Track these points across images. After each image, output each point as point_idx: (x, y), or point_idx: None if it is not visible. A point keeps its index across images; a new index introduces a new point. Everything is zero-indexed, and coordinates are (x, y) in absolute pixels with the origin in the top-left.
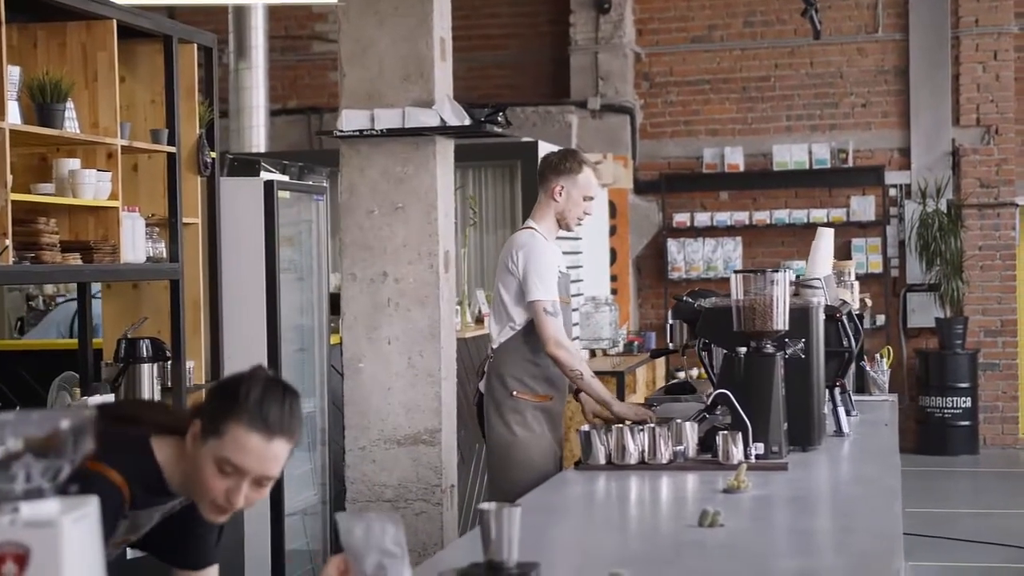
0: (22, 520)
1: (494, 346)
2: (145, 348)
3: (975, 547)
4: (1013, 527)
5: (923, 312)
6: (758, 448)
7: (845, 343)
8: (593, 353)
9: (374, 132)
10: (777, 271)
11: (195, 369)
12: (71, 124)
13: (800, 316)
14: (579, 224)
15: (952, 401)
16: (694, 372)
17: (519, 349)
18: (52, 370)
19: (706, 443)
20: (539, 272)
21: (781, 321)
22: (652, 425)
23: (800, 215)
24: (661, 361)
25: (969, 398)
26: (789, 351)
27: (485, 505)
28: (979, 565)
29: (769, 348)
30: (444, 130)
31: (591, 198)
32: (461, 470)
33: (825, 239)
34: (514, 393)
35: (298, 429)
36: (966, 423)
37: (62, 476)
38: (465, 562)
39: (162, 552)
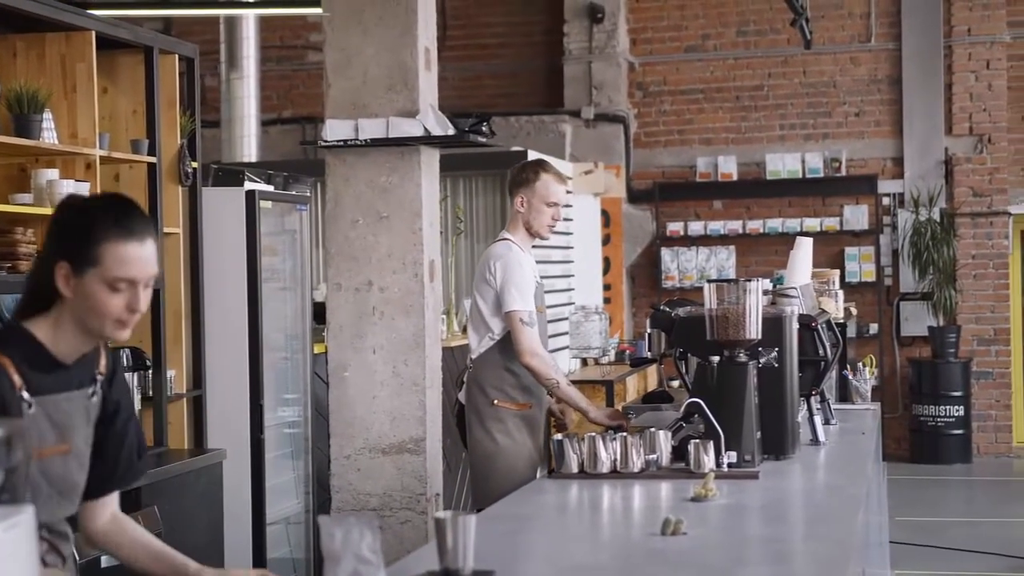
0: None
1: (473, 356)
2: (125, 357)
3: (965, 556)
4: (1005, 536)
5: (916, 321)
6: (731, 457)
7: (821, 352)
8: (584, 362)
9: (358, 142)
10: (750, 281)
11: (176, 378)
12: (49, 135)
13: (773, 325)
14: (551, 231)
15: (945, 410)
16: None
17: (498, 359)
18: None
19: (680, 452)
20: (516, 283)
21: (754, 330)
22: (624, 434)
23: (793, 224)
24: (653, 370)
25: (962, 407)
26: (762, 360)
27: (440, 513)
28: (969, 573)
29: (742, 357)
30: (428, 140)
31: (555, 204)
32: (447, 479)
33: (803, 248)
34: (495, 402)
35: (154, 226)
36: (959, 432)
37: None
38: (422, 570)
39: (96, 474)
